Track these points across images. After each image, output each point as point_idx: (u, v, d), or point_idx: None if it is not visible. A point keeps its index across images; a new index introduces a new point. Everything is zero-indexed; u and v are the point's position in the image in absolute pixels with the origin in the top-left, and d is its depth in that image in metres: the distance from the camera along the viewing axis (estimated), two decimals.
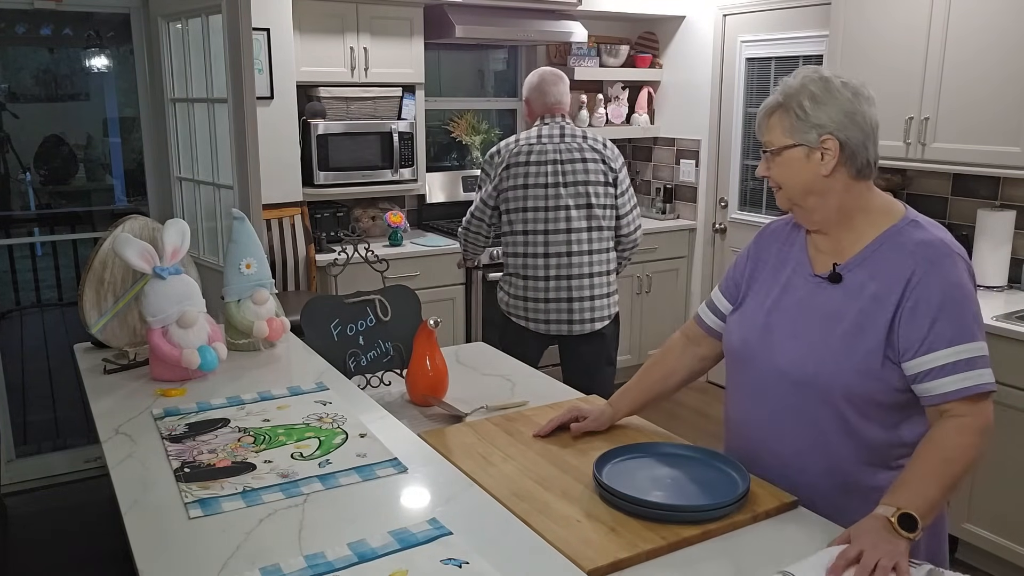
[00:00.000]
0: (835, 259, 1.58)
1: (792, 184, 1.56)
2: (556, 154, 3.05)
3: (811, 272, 1.61)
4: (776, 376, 1.58)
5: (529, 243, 3.08)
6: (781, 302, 1.63)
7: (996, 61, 3.06)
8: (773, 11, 4.37)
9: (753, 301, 1.69)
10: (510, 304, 3.18)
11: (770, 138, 1.57)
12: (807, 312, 1.58)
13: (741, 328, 1.68)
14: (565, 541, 1.36)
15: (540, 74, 3.16)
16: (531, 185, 3.04)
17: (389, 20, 4.11)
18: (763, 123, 1.59)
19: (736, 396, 1.71)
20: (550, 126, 3.10)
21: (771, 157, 1.57)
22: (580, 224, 3.06)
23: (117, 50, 5.39)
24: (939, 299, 1.45)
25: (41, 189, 6.26)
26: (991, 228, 3.28)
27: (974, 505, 2.98)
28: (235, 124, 3.03)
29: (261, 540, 1.32)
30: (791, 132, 1.53)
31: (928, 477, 1.41)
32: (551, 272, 3.07)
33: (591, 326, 3.12)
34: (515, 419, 1.90)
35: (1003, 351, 2.82)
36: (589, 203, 3.06)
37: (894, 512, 1.35)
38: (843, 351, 1.50)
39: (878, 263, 1.52)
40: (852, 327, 1.51)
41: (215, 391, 1.97)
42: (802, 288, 1.61)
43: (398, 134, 4.17)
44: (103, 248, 2.17)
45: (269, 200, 3.77)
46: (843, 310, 1.53)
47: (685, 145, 4.98)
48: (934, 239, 1.50)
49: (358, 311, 2.24)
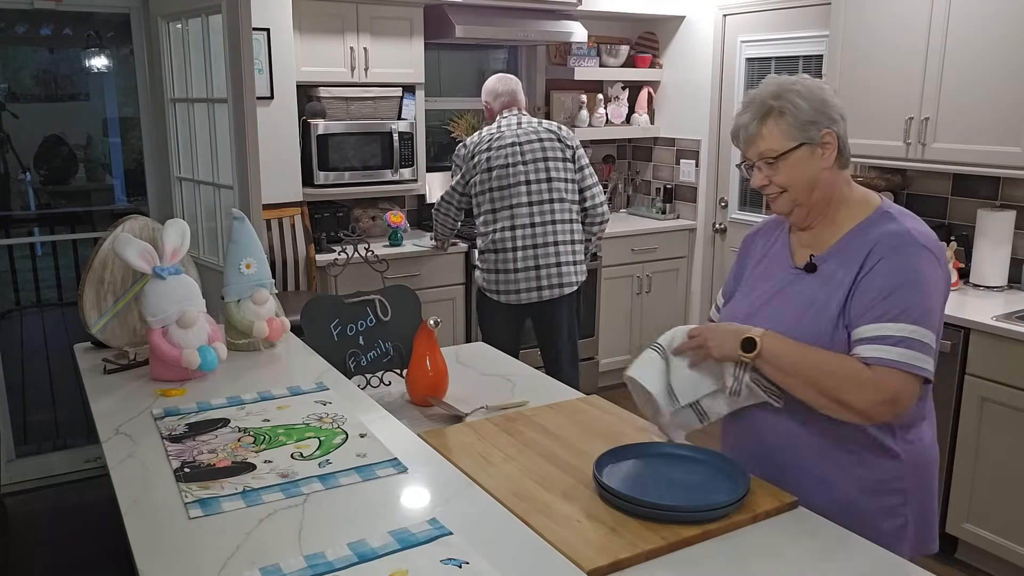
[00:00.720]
0: (813, 251, 1.65)
1: (799, 185, 1.60)
2: (514, 137, 3.42)
3: (791, 264, 1.69)
4: None
5: (498, 219, 3.40)
6: (763, 294, 1.70)
7: (996, 61, 3.06)
8: (773, 11, 4.37)
9: (741, 294, 1.78)
10: (486, 280, 3.49)
11: (769, 145, 1.58)
12: (785, 301, 1.65)
13: (727, 319, 1.74)
14: (565, 541, 1.36)
15: (493, 79, 3.60)
16: (495, 167, 3.39)
17: (389, 20, 4.11)
18: (754, 134, 1.59)
19: None
20: (507, 118, 3.50)
21: (773, 164, 1.59)
22: (542, 197, 3.39)
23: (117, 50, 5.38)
24: (891, 280, 1.50)
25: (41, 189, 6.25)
26: (991, 228, 3.28)
27: (974, 505, 2.98)
28: (235, 124, 3.03)
29: (261, 540, 1.32)
30: (792, 134, 1.57)
31: (807, 357, 1.53)
32: (518, 243, 3.38)
33: (560, 290, 3.44)
34: (515, 419, 1.90)
35: (1003, 351, 2.82)
36: (549, 177, 3.40)
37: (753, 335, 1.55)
38: (810, 334, 1.57)
39: (850, 252, 1.59)
40: (819, 311, 1.58)
41: (215, 391, 1.97)
42: (782, 280, 1.68)
43: (398, 134, 4.17)
44: (103, 248, 2.17)
45: (269, 200, 3.77)
46: (816, 297, 1.60)
47: (685, 145, 4.98)
48: (901, 229, 1.55)
49: (358, 311, 2.24)
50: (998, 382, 2.84)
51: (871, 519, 1.59)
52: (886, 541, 1.53)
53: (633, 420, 1.91)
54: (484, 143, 3.43)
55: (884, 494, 1.60)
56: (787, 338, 1.57)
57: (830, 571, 1.34)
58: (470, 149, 3.47)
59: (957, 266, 3.39)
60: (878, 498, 1.60)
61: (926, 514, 1.66)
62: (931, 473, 1.66)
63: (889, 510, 1.61)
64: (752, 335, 1.56)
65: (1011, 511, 2.87)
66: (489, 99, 3.58)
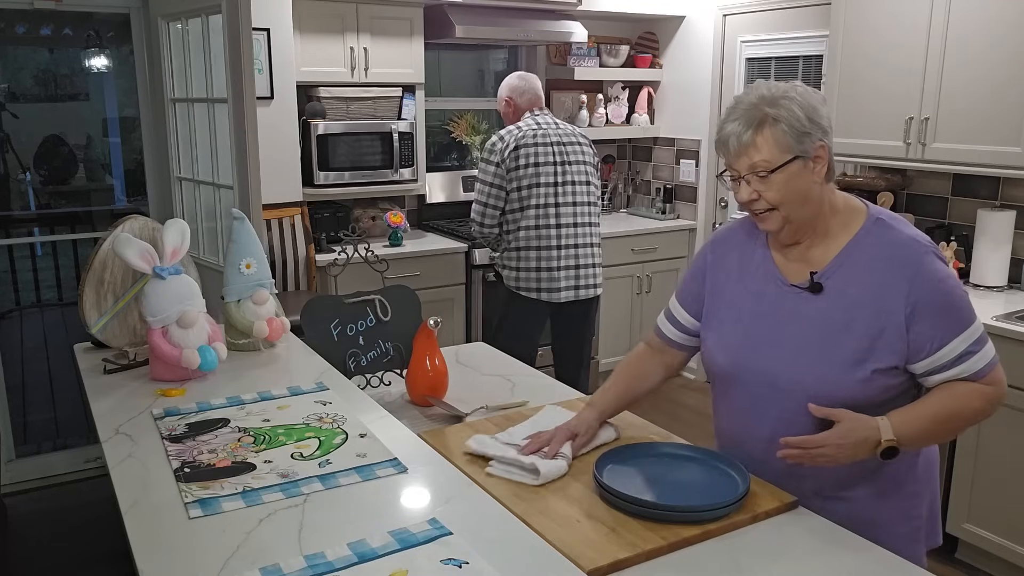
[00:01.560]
0: (808, 267, 1.56)
1: (792, 200, 1.50)
2: (557, 136, 3.41)
3: (785, 282, 1.58)
4: (769, 390, 1.57)
5: (540, 216, 3.35)
6: (759, 314, 1.59)
7: (996, 61, 3.06)
8: (773, 11, 4.37)
9: (727, 316, 1.65)
10: (520, 279, 3.42)
11: (763, 157, 1.47)
12: (793, 325, 1.55)
13: (724, 350, 1.64)
14: (565, 541, 1.36)
15: (518, 76, 3.53)
16: (541, 163, 3.35)
17: (389, 20, 4.11)
18: (748, 144, 1.48)
19: (730, 415, 1.67)
20: (542, 116, 3.46)
21: (765, 178, 1.48)
22: (583, 198, 3.42)
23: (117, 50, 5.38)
24: (933, 297, 1.47)
25: (41, 189, 6.25)
26: (991, 228, 3.28)
27: (974, 505, 2.98)
28: (235, 124, 3.03)
29: (261, 540, 1.32)
30: (787, 146, 1.47)
31: (933, 418, 1.48)
32: (562, 242, 3.37)
33: (594, 291, 3.48)
34: (515, 419, 1.90)
35: (1003, 351, 2.79)
36: (587, 180, 3.45)
37: (887, 441, 1.44)
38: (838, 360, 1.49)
39: (855, 268, 1.52)
40: (843, 335, 1.50)
41: (215, 391, 1.97)
42: (781, 299, 1.58)
43: (398, 134, 4.17)
44: (103, 248, 2.17)
45: (269, 200, 3.77)
46: (830, 318, 1.52)
47: (685, 145, 4.98)
48: (905, 239, 1.51)
49: (358, 311, 2.24)
50: None
51: (890, 524, 1.57)
52: (903, 544, 1.51)
53: (633, 420, 1.91)
54: (527, 136, 3.34)
55: (901, 498, 1.59)
56: (909, 413, 1.48)
57: (830, 571, 1.34)
58: (507, 142, 3.34)
59: (957, 266, 3.40)
60: (896, 502, 1.58)
61: (934, 511, 1.66)
62: (936, 470, 1.67)
63: (905, 513, 1.59)
64: (888, 442, 1.44)
65: (1011, 511, 2.87)
66: (514, 95, 3.49)
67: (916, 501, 1.61)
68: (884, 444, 1.44)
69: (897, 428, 1.45)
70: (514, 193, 3.36)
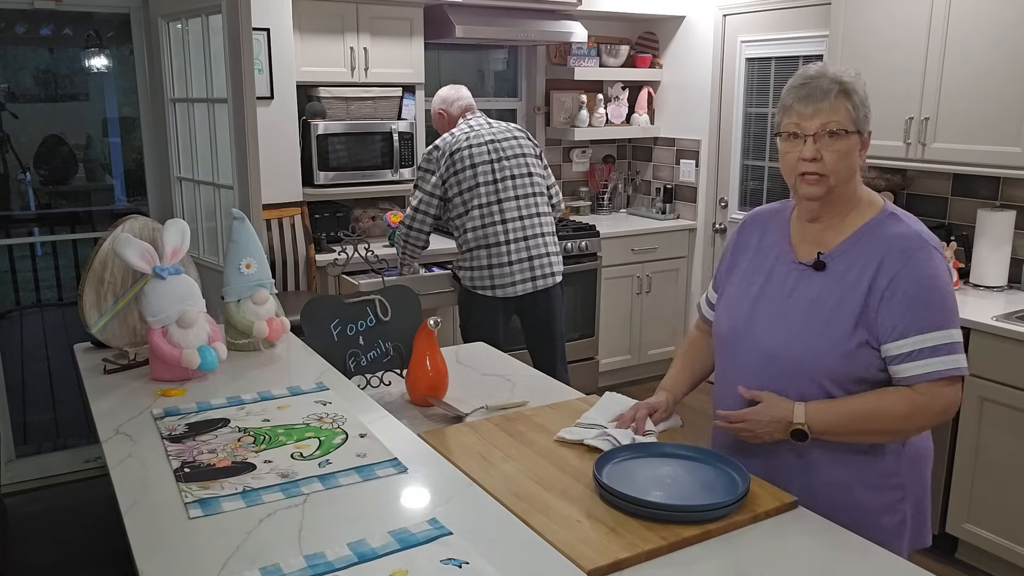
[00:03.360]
0: (819, 248, 1.64)
1: (842, 172, 1.57)
2: (490, 135, 3.44)
3: (794, 259, 1.67)
4: (762, 358, 1.65)
5: (485, 215, 3.38)
6: (766, 289, 1.69)
7: (996, 61, 3.06)
8: (773, 11, 4.37)
9: (737, 288, 1.75)
10: (475, 278, 3.45)
11: (837, 119, 1.54)
12: (792, 298, 1.64)
13: (728, 315, 1.74)
14: (565, 541, 1.36)
15: (449, 87, 3.62)
16: (478, 163, 3.38)
17: (389, 20, 4.11)
18: (823, 102, 1.53)
19: (722, 380, 1.76)
20: (474, 119, 3.51)
21: (832, 139, 1.54)
22: (525, 190, 3.44)
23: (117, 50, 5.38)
24: (914, 289, 1.52)
25: (41, 189, 6.25)
26: (991, 228, 3.28)
27: (974, 505, 2.98)
28: (235, 124, 3.03)
29: (261, 540, 1.32)
30: (854, 119, 1.55)
31: (855, 415, 1.55)
32: (510, 236, 3.39)
33: (553, 279, 3.50)
34: (515, 419, 1.90)
35: (1003, 351, 2.81)
36: (529, 172, 3.47)
37: (799, 424, 1.56)
38: (825, 334, 1.57)
39: (857, 252, 1.59)
40: (832, 312, 1.58)
41: (215, 391, 1.97)
42: (786, 275, 1.67)
43: (398, 134, 4.17)
44: (103, 248, 2.17)
45: (269, 200, 3.77)
46: (824, 296, 1.60)
47: (685, 145, 4.98)
48: (910, 232, 1.57)
49: (358, 311, 2.24)
50: (998, 382, 2.83)
51: (872, 515, 1.61)
52: (885, 537, 1.55)
53: None
54: (461, 141, 3.39)
55: (884, 490, 1.62)
56: (827, 404, 1.57)
57: (830, 571, 1.34)
58: (443, 150, 3.40)
59: (957, 266, 3.39)
60: (879, 494, 1.62)
61: (922, 508, 1.68)
62: (927, 467, 1.69)
63: (889, 506, 1.63)
64: (798, 424, 1.56)
65: (1011, 511, 2.87)
66: (444, 106, 3.57)
67: (899, 494, 1.63)
68: (793, 426, 1.56)
69: (811, 415, 1.56)
70: (456, 198, 3.39)
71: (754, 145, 4.62)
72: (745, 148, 4.68)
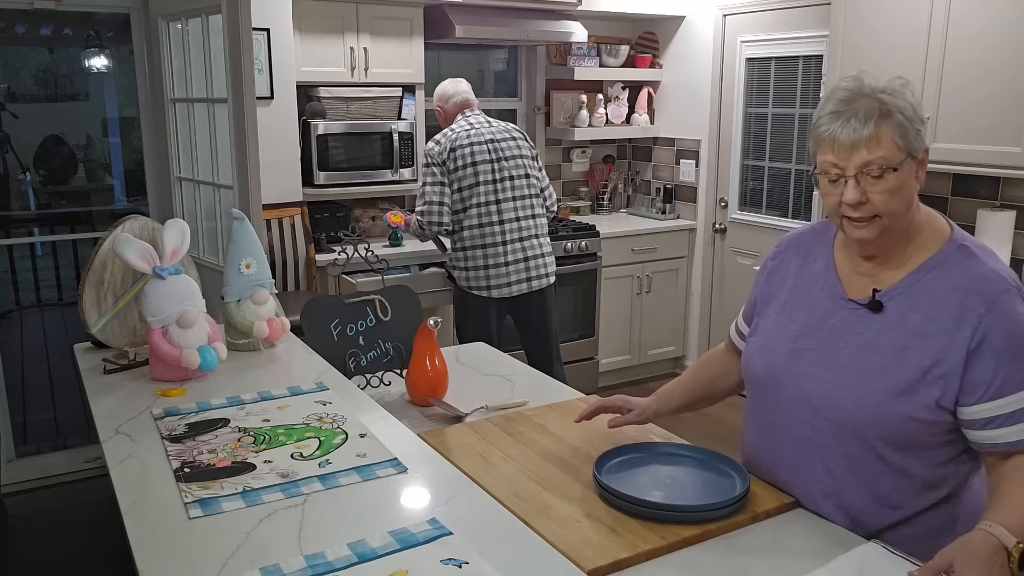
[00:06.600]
0: (874, 283, 1.42)
1: (898, 207, 1.33)
2: (490, 134, 3.46)
3: (843, 295, 1.45)
4: (802, 408, 1.45)
5: (483, 214, 3.41)
6: (809, 327, 1.47)
7: (996, 61, 3.06)
8: (773, 11, 4.37)
9: (774, 323, 1.54)
10: (470, 278, 3.47)
11: (884, 153, 1.30)
12: (841, 341, 1.42)
13: (763, 354, 1.53)
14: (565, 541, 1.36)
15: (449, 81, 3.63)
16: (479, 162, 3.40)
17: (389, 20, 4.11)
18: (869, 138, 1.30)
19: (754, 427, 1.59)
20: (473, 116, 3.52)
21: (878, 178, 1.30)
22: (523, 192, 3.47)
23: (117, 50, 5.38)
24: (1005, 338, 1.30)
25: (41, 189, 6.25)
26: (991, 228, 3.28)
27: None
28: (235, 124, 3.03)
29: (261, 540, 1.32)
30: (903, 143, 1.31)
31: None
32: (508, 237, 3.43)
33: (547, 280, 3.54)
34: (515, 419, 1.90)
35: None
36: (526, 173, 3.50)
37: (1016, 543, 1.19)
38: (881, 386, 1.36)
39: (924, 293, 1.37)
40: (891, 361, 1.36)
41: (215, 391, 1.97)
42: (830, 312, 1.45)
43: (398, 134, 4.17)
44: (103, 248, 2.17)
45: (269, 200, 3.77)
46: (883, 341, 1.38)
47: (685, 145, 4.98)
48: (989, 271, 1.35)
49: (358, 311, 2.24)
50: None
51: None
52: None
53: None
54: (462, 139, 3.41)
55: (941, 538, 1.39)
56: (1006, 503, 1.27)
57: (830, 571, 1.33)
58: (444, 145, 3.42)
59: None
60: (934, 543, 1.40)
61: None
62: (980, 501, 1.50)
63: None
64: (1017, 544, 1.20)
65: None
66: (441, 103, 3.60)
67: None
68: (1018, 548, 1.20)
69: (1011, 525, 1.22)
70: (456, 195, 3.42)
71: (754, 145, 4.62)
72: (745, 148, 4.68)
